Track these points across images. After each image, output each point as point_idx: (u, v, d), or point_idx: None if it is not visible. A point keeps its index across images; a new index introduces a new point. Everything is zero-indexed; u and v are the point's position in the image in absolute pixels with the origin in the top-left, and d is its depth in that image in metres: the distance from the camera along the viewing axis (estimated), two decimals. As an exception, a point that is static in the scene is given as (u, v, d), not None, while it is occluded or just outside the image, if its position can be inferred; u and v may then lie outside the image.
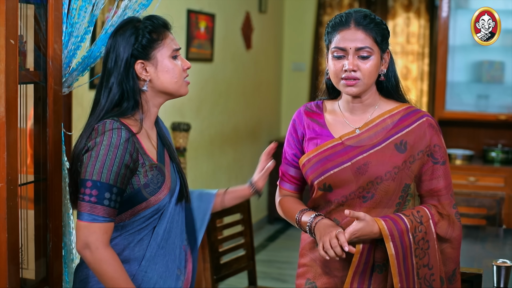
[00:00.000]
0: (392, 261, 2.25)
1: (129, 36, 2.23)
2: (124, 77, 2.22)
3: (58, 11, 2.57)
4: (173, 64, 2.27)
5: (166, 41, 2.27)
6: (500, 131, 6.30)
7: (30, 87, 2.60)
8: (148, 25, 2.25)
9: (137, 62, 2.23)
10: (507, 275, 2.86)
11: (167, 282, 2.26)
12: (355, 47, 2.29)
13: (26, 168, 2.61)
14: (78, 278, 2.31)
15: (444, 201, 2.37)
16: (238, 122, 6.66)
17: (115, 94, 2.23)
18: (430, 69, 7.24)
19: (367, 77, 2.31)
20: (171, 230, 2.28)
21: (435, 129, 2.37)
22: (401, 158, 2.32)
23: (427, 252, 2.30)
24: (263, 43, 7.25)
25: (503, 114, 6.06)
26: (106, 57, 2.27)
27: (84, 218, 2.11)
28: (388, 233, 2.24)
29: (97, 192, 2.10)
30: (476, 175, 5.90)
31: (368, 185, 2.32)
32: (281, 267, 5.92)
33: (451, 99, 6.23)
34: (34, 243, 2.63)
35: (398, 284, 2.25)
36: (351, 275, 2.31)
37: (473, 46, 6.18)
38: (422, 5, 7.23)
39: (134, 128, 2.22)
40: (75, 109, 3.99)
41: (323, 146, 2.38)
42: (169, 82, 2.27)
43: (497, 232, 3.94)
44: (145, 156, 2.21)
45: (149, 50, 2.24)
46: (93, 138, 2.15)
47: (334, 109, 2.46)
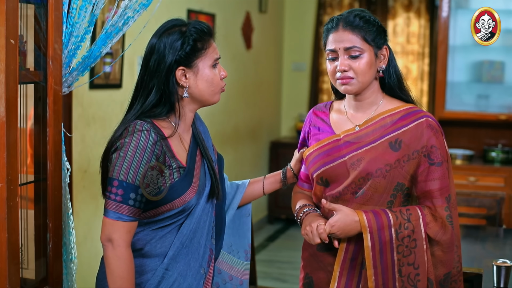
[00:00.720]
0: (367, 252, 2.29)
1: (175, 41, 2.24)
2: (165, 81, 2.24)
3: (58, 11, 2.57)
4: (212, 74, 2.29)
5: (209, 50, 2.28)
6: (500, 131, 6.30)
7: (30, 87, 2.60)
8: (193, 33, 2.25)
9: (178, 69, 2.24)
10: (507, 275, 2.86)
11: (187, 280, 2.27)
12: (343, 47, 2.35)
13: (26, 168, 2.61)
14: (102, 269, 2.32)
15: (437, 204, 2.35)
16: (238, 122, 6.66)
17: (154, 97, 2.24)
18: (430, 69, 7.24)
19: (360, 76, 2.35)
20: (197, 229, 2.30)
21: (434, 130, 2.36)
22: (394, 156, 2.34)
23: (413, 250, 2.31)
24: (263, 43, 7.25)
25: (503, 114, 6.06)
26: (148, 57, 2.28)
27: (110, 215, 2.16)
28: (367, 225, 2.28)
29: (123, 192, 2.15)
30: (476, 175, 5.90)
31: (360, 181, 2.36)
32: (281, 267, 5.92)
33: (451, 99, 6.23)
34: (34, 243, 2.63)
35: (373, 277, 2.29)
36: (338, 271, 2.39)
37: (473, 46, 6.17)
38: (422, 5, 7.23)
39: (166, 131, 2.24)
40: (75, 109, 3.99)
41: (324, 141, 2.44)
42: (206, 91, 2.29)
43: (497, 232, 3.94)
44: (173, 159, 2.23)
45: (192, 58, 2.25)
46: (123, 138, 2.18)
47: (340, 108, 2.52)
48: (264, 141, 7.36)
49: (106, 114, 4.28)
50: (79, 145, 4.04)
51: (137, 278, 2.24)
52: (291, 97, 7.89)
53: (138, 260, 2.25)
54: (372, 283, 2.30)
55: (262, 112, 7.36)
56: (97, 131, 4.20)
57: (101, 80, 4.24)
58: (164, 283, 2.24)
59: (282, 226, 7.32)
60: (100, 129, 4.21)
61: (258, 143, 7.23)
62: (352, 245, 2.37)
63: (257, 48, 7.01)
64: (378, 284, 2.30)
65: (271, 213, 7.40)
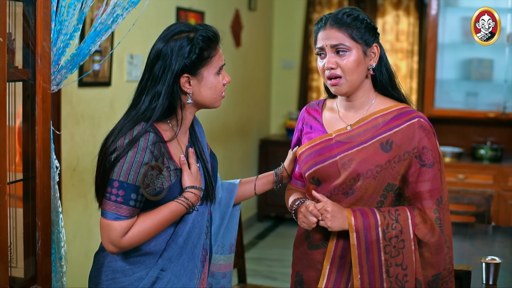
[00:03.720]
0: (353, 251, 2.30)
1: (182, 48, 2.23)
2: (169, 87, 2.23)
3: (47, 9, 2.56)
4: (216, 81, 2.30)
5: (215, 58, 2.28)
6: (489, 128, 6.33)
7: (18, 85, 2.59)
8: (200, 41, 2.24)
9: (183, 76, 2.24)
10: (496, 272, 2.88)
11: (182, 280, 2.28)
12: (330, 44, 2.34)
13: (15, 166, 2.60)
14: (95, 266, 2.34)
15: (426, 205, 2.34)
16: (228, 119, 6.66)
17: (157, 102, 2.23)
18: (419, 66, 7.26)
19: (348, 73, 2.34)
20: (192, 230, 2.31)
21: (426, 131, 2.35)
22: (385, 157, 2.33)
23: (402, 251, 2.30)
24: (253, 41, 7.25)
25: (492, 112, 6.08)
26: (154, 61, 2.26)
27: (108, 216, 2.16)
28: (353, 224, 2.29)
29: (124, 192, 2.15)
30: (465, 172, 5.92)
31: (351, 181, 2.35)
32: (270, 264, 5.92)
33: (440, 96, 6.26)
34: (23, 242, 2.62)
35: (358, 275, 2.29)
36: (327, 268, 2.38)
37: (462, 44, 6.20)
38: (411, 3, 7.24)
39: (166, 134, 2.25)
40: (64, 107, 3.98)
41: (315, 140, 2.44)
42: (208, 98, 2.31)
43: (486, 229, 3.95)
44: (171, 161, 2.24)
45: (198, 67, 2.25)
46: (123, 139, 2.18)
47: (333, 106, 2.51)
48: (253, 139, 7.36)
49: (95, 112, 4.27)
50: (68, 143, 4.03)
51: (130, 276, 2.25)
52: (281, 95, 7.89)
53: (132, 259, 2.25)
54: (357, 282, 2.30)
55: (252, 110, 7.36)
56: (86, 129, 4.18)
57: (90, 78, 4.23)
58: (159, 284, 2.24)
59: (271, 224, 7.32)
60: (89, 127, 4.20)
61: (248, 141, 7.23)
62: (341, 242, 2.37)
63: (246, 46, 7.01)
64: (364, 284, 2.30)
65: (260, 211, 7.40)
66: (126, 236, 2.16)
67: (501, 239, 3.78)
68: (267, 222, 7.39)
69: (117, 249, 2.18)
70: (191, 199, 2.24)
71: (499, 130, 6.30)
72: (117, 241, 2.16)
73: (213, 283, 2.56)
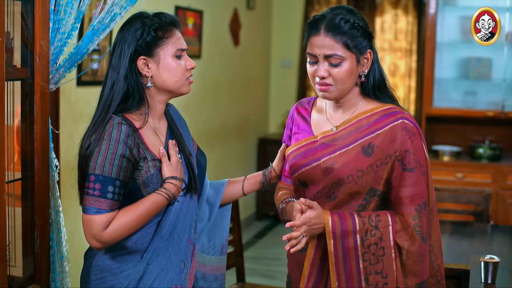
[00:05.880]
0: (330, 258, 2.25)
1: (135, 31, 2.25)
2: (128, 72, 2.24)
3: (45, 8, 2.56)
4: (175, 63, 2.28)
5: (172, 39, 2.28)
6: (487, 127, 6.33)
7: (17, 83, 2.59)
8: (155, 22, 2.26)
9: (139, 58, 2.25)
10: (495, 271, 2.88)
11: (168, 274, 2.27)
12: (323, 54, 2.26)
13: (14, 166, 2.60)
14: (84, 266, 2.35)
15: (405, 211, 2.26)
16: (226, 118, 6.65)
17: (121, 89, 2.24)
18: (418, 65, 7.25)
19: (339, 83, 2.28)
20: (177, 223, 2.30)
21: (410, 133, 2.27)
22: (366, 161, 2.27)
23: (381, 259, 2.25)
24: (251, 40, 7.24)
25: (490, 111, 6.08)
26: (112, 51, 2.29)
27: (88, 211, 2.16)
28: (331, 230, 2.24)
29: (101, 185, 2.15)
30: (464, 171, 5.92)
31: (333, 186, 2.31)
32: (269, 263, 5.92)
33: (438, 95, 6.25)
34: (21, 241, 2.62)
35: (336, 283, 2.25)
36: (308, 269, 2.34)
37: (461, 42, 6.19)
38: (410, 2, 7.24)
39: (137, 123, 2.24)
40: (63, 105, 3.97)
41: (301, 142, 2.41)
42: (170, 81, 2.29)
43: (485, 228, 3.95)
44: (147, 151, 2.23)
45: (153, 47, 2.26)
46: (96, 133, 2.20)
47: (322, 106, 2.47)
48: (252, 138, 7.36)
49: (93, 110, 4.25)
50: (67, 142, 4.03)
51: (118, 274, 2.24)
52: (279, 94, 7.89)
53: (119, 257, 2.25)
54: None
55: (250, 109, 7.36)
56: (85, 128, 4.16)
57: (88, 76, 4.23)
58: (146, 278, 2.24)
59: (270, 223, 7.32)
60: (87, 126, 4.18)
61: (246, 140, 7.23)
62: (322, 244, 2.32)
63: (245, 44, 7.01)
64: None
65: (259, 210, 7.40)
66: (107, 229, 2.15)
67: (500, 238, 3.78)
68: (266, 221, 7.38)
69: (100, 243, 2.17)
70: (171, 190, 2.23)
71: (497, 129, 6.30)
72: (99, 235, 2.15)
73: (204, 285, 2.54)
